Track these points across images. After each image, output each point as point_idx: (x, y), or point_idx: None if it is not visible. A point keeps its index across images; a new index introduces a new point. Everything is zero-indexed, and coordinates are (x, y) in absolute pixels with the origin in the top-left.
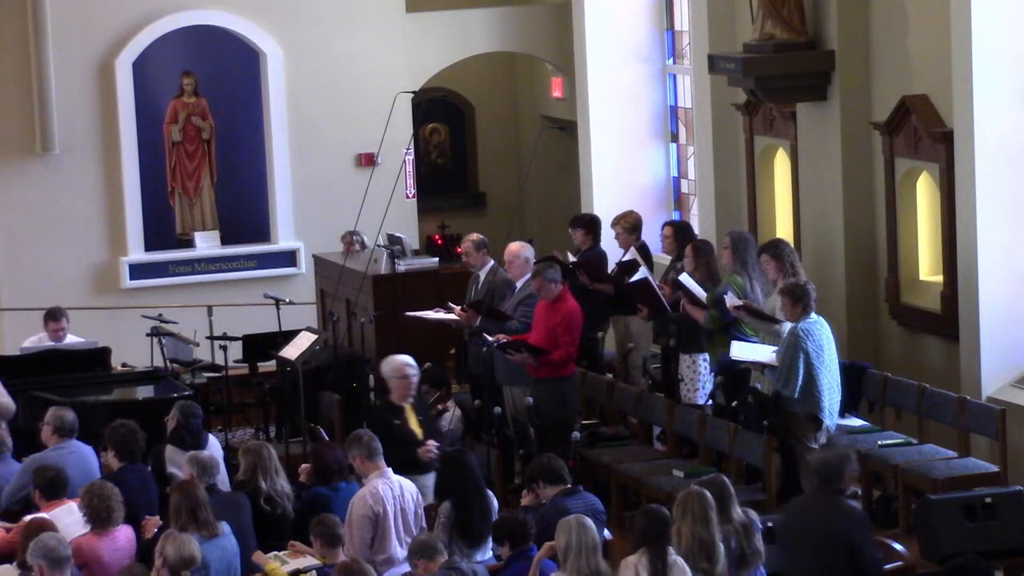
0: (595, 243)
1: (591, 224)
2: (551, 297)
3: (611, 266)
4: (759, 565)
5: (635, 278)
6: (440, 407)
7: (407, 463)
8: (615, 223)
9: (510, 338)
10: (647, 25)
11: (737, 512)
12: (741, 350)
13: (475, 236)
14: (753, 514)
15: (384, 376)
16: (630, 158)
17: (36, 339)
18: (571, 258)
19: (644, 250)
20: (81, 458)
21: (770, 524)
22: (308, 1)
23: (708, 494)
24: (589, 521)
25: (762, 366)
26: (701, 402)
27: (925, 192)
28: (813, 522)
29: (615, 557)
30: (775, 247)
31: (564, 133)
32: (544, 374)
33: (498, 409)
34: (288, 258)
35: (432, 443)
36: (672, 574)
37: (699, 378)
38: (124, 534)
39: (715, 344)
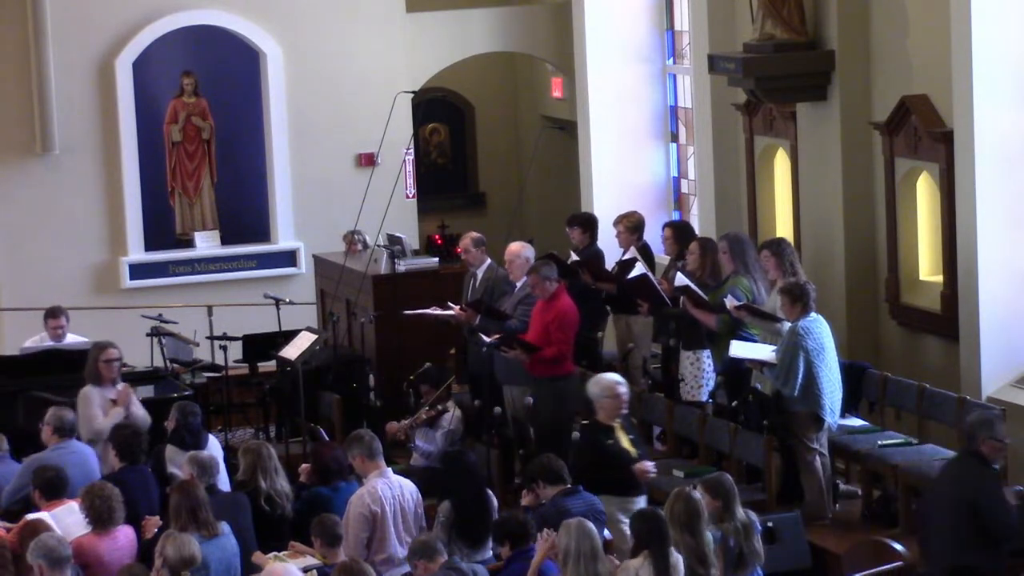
0: (592, 242)
1: (588, 223)
2: (546, 295)
3: (609, 264)
4: (757, 567)
5: (633, 273)
6: (440, 407)
7: (621, 484)
8: (617, 222)
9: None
10: (647, 25)
11: (739, 512)
12: (740, 348)
13: (474, 234)
14: (753, 515)
15: (592, 396)
16: (630, 158)
17: (37, 339)
18: (573, 257)
19: (646, 251)
20: (81, 458)
21: (770, 524)
22: (308, 1)
23: (695, 497)
24: (589, 526)
25: (761, 364)
26: (705, 399)
27: (925, 192)
28: (946, 483)
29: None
30: (777, 245)
31: (564, 133)
32: (543, 372)
33: (498, 409)
34: (288, 258)
35: (648, 463)
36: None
37: (703, 375)
38: (124, 534)
39: (719, 343)
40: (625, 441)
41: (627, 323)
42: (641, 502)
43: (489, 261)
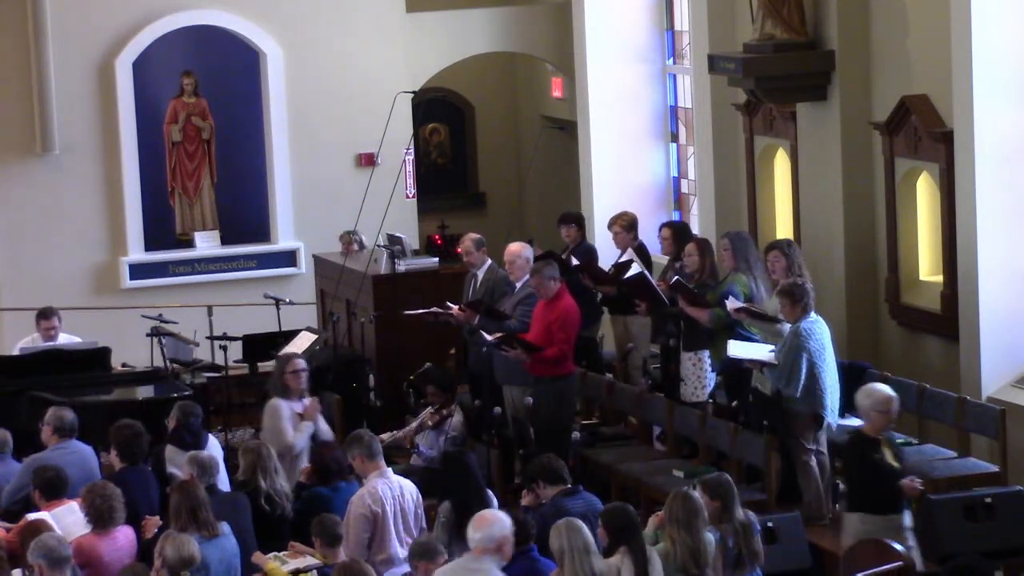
0: (584, 238)
1: (581, 220)
2: (549, 295)
3: (606, 264)
4: (756, 567)
5: (630, 273)
6: (445, 412)
7: (884, 501)
8: (612, 223)
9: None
10: (647, 25)
11: (739, 512)
12: (739, 348)
13: (474, 235)
14: (753, 515)
15: (863, 408)
16: (630, 158)
17: (30, 339)
18: (574, 261)
19: (642, 250)
20: (81, 458)
21: (770, 524)
22: (308, 1)
23: (694, 496)
24: (578, 522)
25: (760, 364)
26: (705, 400)
27: (925, 192)
28: None
29: None
30: (788, 246)
31: (564, 133)
32: (543, 372)
33: (498, 409)
34: (288, 258)
35: (916, 479)
36: (652, 566)
37: (704, 376)
38: (124, 534)
39: (719, 343)
40: (890, 455)
41: (625, 324)
42: (906, 519)
43: (490, 262)
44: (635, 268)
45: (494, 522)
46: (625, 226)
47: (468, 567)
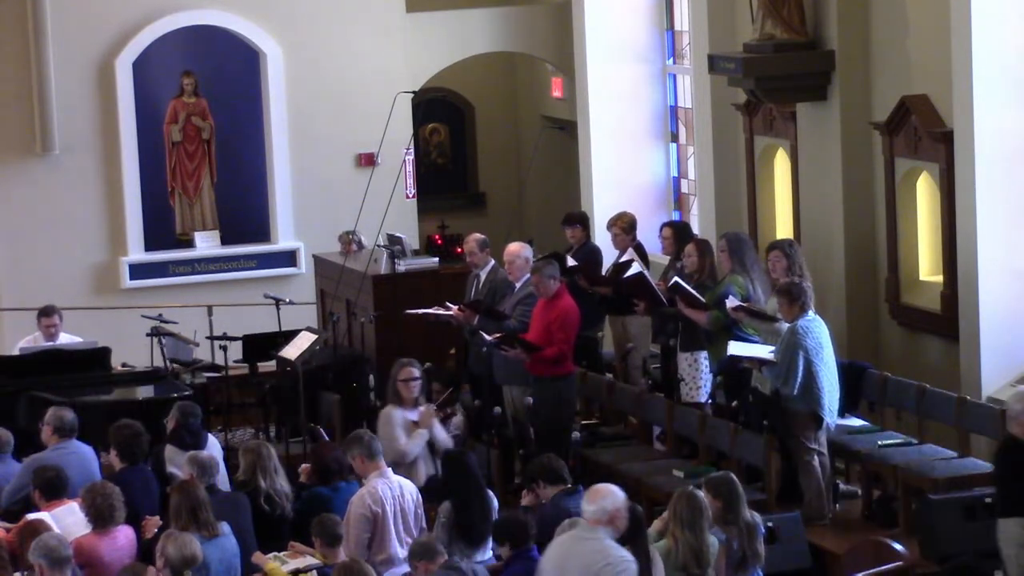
0: (588, 239)
1: (585, 220)
2: (549, 294)
3: (607, 264)
4: (757, 568)
5: (630, 272)
6: (448, 410)
7: None
8: (611, 224)
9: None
10: (647, 25)
11: (745, 514)
12: (739, 347)
13: (478, 235)
14: (758, 516)
15: (1014, 412)
16: (630, 158)
17: (31, 339)
18: (570, 261)
19: (640, 250)
20: (81, 458)
21: (770, 524)
22: (308, 1)
23: (699, 496)
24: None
25: (760, 363)
26: (703, 400)
27: (925, 192)
28: None
29: None
30: (789, 246)
31: (564, 133)
32: (542, 372)
33: (498, 409)
34: (288, 258)
35: None
36: (655, 567)
37: (701, 376)
38: (124, 534)
39: (716, 344)
40: None
41: (623, 324)
42: None
43: (492, 262)
44: (635, 267)
45: (607, 495)
46: (624, 227)
47: (582, 536)
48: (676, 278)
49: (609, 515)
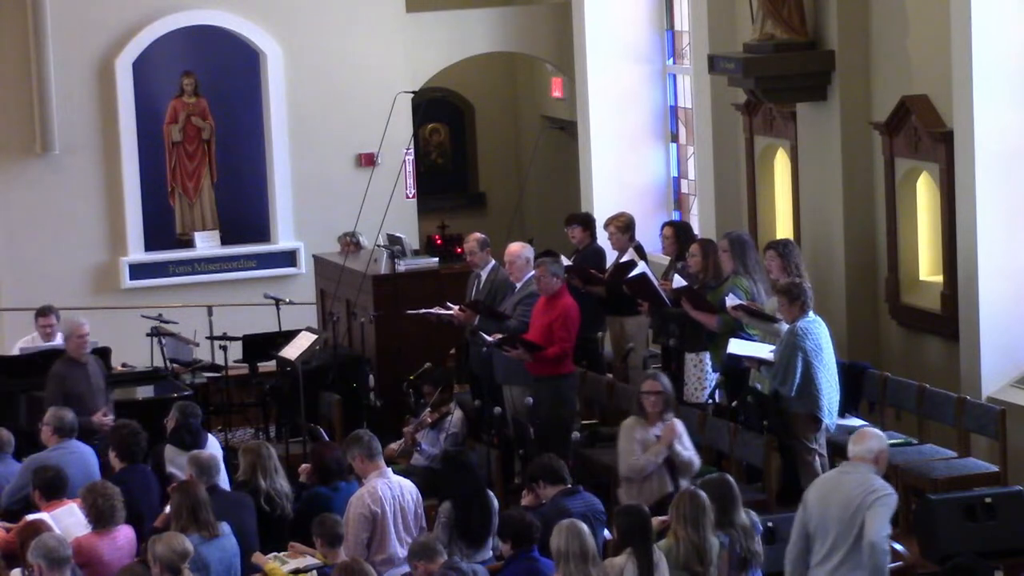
0: (592, 240)
1: (588, 221)
2: (551, 290)
3: (609, 262)
4: (756, 568)
5: (633, 273)
6: (444, 409)
7: None
8: (607, 224)
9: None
10: (647, 25)
11: (741, 515)
12: (739, 346)
13: (479, 235)
14: (755, 516)
15: None
16: (630, 158)
17: (29, 339)
18: (565, 262)
19: (639, 251)
20: (81, 458)
21: (770, 524)
22: (308, 1)
23: (702, 495)
24: (581, 527)
25: (759, 363)
26: (705, 400)
27: (925, 192)
28: None
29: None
30: (784, 246)
31: (564, 133)
32: (542, 372)
33: (498, 409)
34: (288, 258)
35: None
36: (658, 571)
37: (706, 376)
38: (124, 534)
39: (718, 344)
40: None
41: (621, 324)
42: None
43: (493, 262)
44: (639, 268)
45: (873, 436)
46: (620, 227)
47: (845, 471)
48: (683, 282)
49: (875, 454)
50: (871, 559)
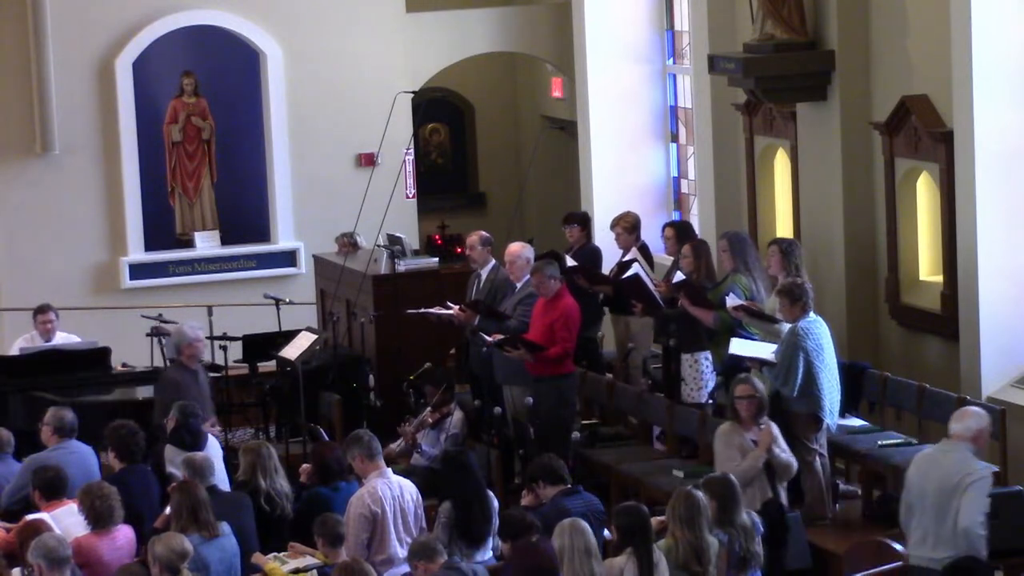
0: (589, 239)
1: (586, 220)
2: (549, 293)
3: (608, 264)
4: (756, 569)
5: (627, 274)
6: (444, 410)
7: None
8: (614, 224)
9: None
10: (647, 25)
11: (741, 516)
12: (740, 347)
13: (483, 233)
14: (755, 516)
15: None
16: (630, 158)
17: (28, 337)
18: (569, 261)
19: (644, 250)
20: (81, 458)
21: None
22: (308, 1)
23: (697, 495)
24: (583, 524)
25: (761, 363)
26: (704, 400)
27: (925, 192)
28: None
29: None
30: (788, 244)
31: (564, 133)
32: (542, 372)
33: (498, 409)
34: (288, 258)
35: None
36: (658, 570)
37: (701, 377)
38: (124, 534)
39: (719, 344)
40: None
41: (626, 323)
42: None
43: (493, 262)
44: (633, 269)
45: (973, 415)
46: (627, 227)
47: (945, 449)
48: (684, 276)
49: (973, 433)
50: (966, 544)
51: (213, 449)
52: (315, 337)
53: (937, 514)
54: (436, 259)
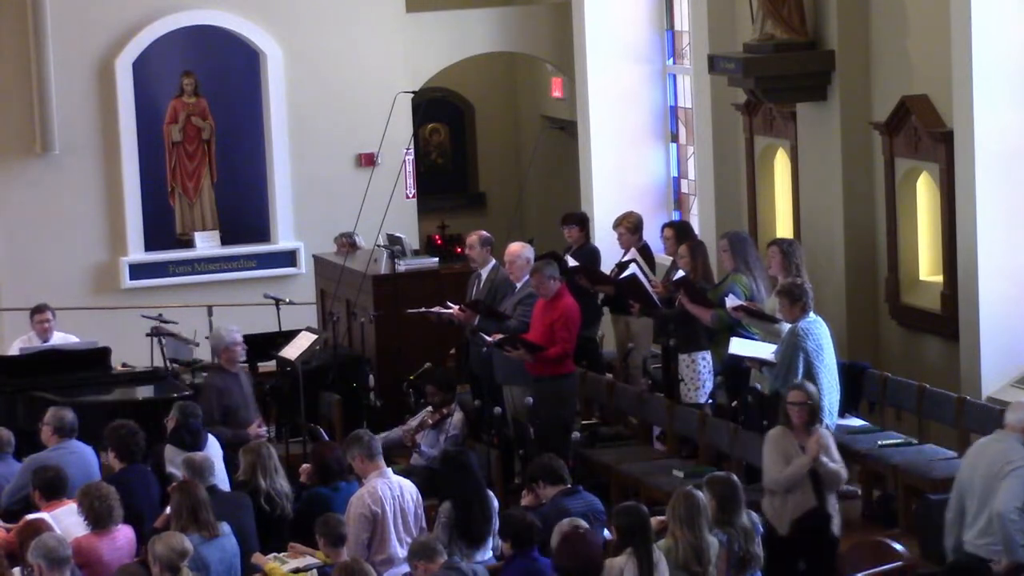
0: (587, 240)
1: (584, 221)
2: (549, 294)
3: (608, 264)
4: (756, 570)
5: (624, 274)
6: (445, 411)
7: None
8: (617, 224)
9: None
10: (647, 25)
11: (742, 517)
12: (740, 346)
13: (483, 233)
14: (756, 517)
15: None
16: (630, 158)
17: (26, 338)
18: (571, 261)
19: (646, 251)
20: (81, 458)
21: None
22: (308, 1)
23: (697, 495)
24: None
25: (761, 363)
26: (702, 401)
27: (925, 192)
28: None
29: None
30: (788, 244)
31: (564, 133)
32: (542, 372)
33: (498, 409)
34: (288, 258)
35: None
36: (658, 571)
37: (699, 377)
38: (124, 534)
39: (719, 343)
40: None
41: (626, 323)
42: None
43: (494, 262)
44: (630, 269)
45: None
46: (630, 227)
47: (997, 439)
48: (684, 274)
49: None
50: (999, 530)
51: (213, 449)
52: (315, 337)
53: (981, 501)
54: (436, 259)
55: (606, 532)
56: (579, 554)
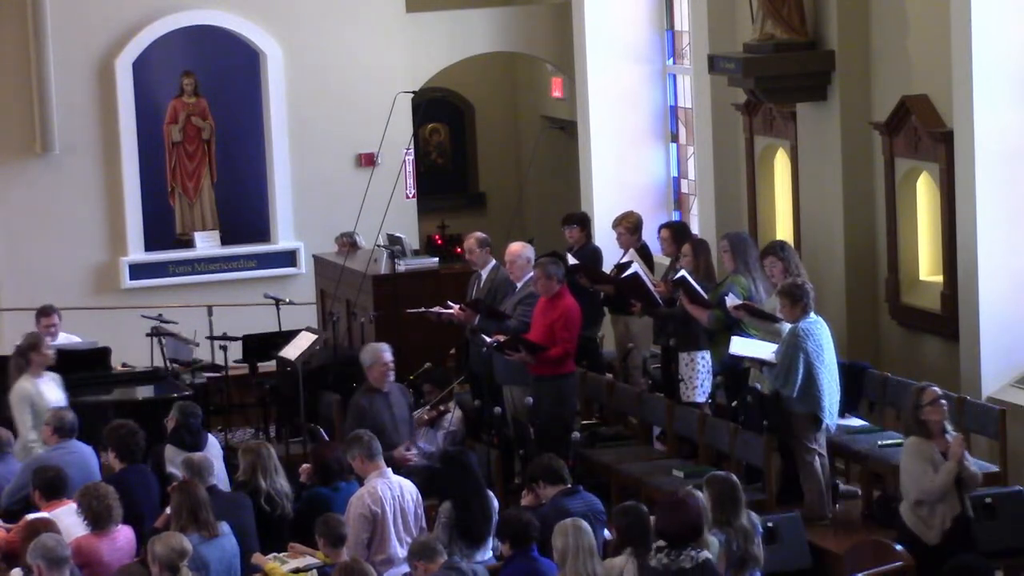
0: (588, 240)
1: (585, 221)
2: (550, 292)
3: (608, 264)
4: (756, 571)
5: (626, 273)
6: (442, 408)
7: None
8: (616, 224)
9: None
10: (647, 25)
11: (741, 517)
12: (741, 346)
13: (479, 234)
14: (755, 517)
15: None
16: (630, 158)
17: None
18: (571, 260)
19: (645, 251)
20: (81, 458)
21: (770, 524)
22: (308, 1)
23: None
24: (585, 524)
25: (761, 363)
26: (701, 400)
27: (925, 192)
28: None
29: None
30: (781, 249)
31: (564, 133)
32: (543, 372)
33: (498, 409)
34: (288, 258)
35: None
36: None
37: (697, 376)
38: (124, 534)
39: (718, 343)
40: None
41: (626, 323)
42: None
43: (494, 262)
44: (632, 268)
45: None
46: (629, 227)
47: None
48: (683, 272)
49: None
50: None
51: (213, 449)
52: (315, 337)
53: None
54: (436, 259)
55: (606, 532)
56: (680, 520)
